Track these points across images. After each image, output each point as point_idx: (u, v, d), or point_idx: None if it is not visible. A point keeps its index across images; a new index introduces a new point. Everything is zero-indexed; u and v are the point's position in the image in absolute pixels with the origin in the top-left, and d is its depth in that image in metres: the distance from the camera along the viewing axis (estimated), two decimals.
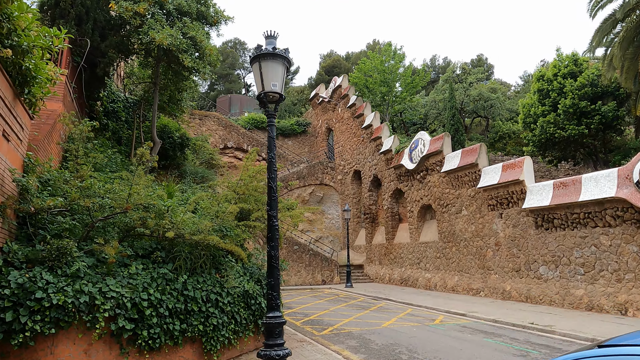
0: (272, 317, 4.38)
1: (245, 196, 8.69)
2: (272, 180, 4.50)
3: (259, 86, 4.66)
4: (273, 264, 4.29)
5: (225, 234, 7.90)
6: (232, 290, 7.83)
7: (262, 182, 9.11)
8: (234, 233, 8.04)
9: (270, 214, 4.48)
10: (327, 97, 32.82)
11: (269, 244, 4.45)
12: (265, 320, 4.40)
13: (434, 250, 20.57)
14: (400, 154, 23.32)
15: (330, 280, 24.67)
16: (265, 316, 4.46)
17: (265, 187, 10.39)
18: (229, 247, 7.17)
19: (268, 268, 4.34)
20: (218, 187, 11.47)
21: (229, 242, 7.48)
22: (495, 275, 16.89)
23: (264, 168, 9.37)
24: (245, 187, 8.73)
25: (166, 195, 7.91)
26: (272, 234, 4.44)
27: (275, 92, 4.57)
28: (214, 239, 6.94)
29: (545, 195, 14.73)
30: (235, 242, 8.03)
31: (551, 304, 14.28)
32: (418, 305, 15.23)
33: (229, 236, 7.89)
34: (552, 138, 20.88)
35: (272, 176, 4.52)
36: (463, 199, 18.78)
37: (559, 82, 21.09)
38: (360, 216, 28.99)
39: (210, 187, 11.78)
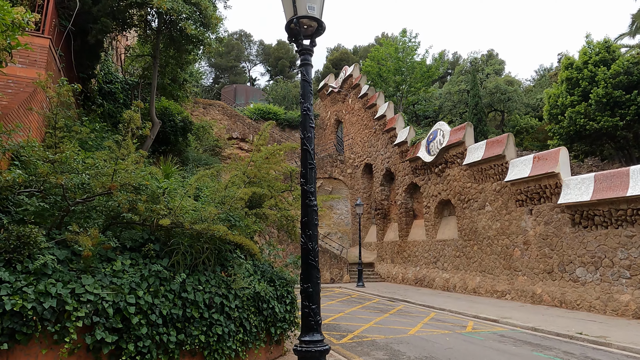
0: (311, 343, 2.98)
1: (256, 181, 7.32)
2: (307, 141, 3.11)
3: (288, 11, 3.26)
4: (311, 261, 2.92)
5: (233, 224, 6.53)
6: (240, 292, 6.48)
7: (277, 164, 7.74)
8: (243, 223, 6.68)
9: (306, 189, 3.08)
10: (337, 88, 31.39)
11: (304, 233, 3.06)
12: (300, 347, 2.98)
13: (453, 249, 19.17)
14: (417, 145, 21.89)
15: (340, 278, 23.32)
16: (299, 340, 3.03)
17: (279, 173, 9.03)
18: (239, 239, 5.81)
19: (303, 267, 2.95)
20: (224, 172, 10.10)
21: (238, 234, 6.12)
22: (523, 277, 15.48)
23: (279, 149, 8.00)
24: (257, 169, 7.35)
25: (162, 176, 6.58)
26: (309, 218, 3.04)
27: (312, 18, 3.18)
28: (220, 229, 5.57)
29: (585, 190, 13.29)
30: (244, 234, 6.66)
31: (590, 309, 12.86)
32: (441, 309, 13.84)
33: (238, 227, 6.53)
34: (582, 130, 19.40)
35: (308, 135, 3.13)
36: (487, 194, 17.35)
37: (590, 70, 19.58)
38: (370, 212, 27.60)
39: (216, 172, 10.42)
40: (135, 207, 5.44)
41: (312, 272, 2.94)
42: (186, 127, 14.72)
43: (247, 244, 5.97)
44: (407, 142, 22.66)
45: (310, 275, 2.93)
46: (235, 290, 6.41)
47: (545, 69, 42.27)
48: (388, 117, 25.05)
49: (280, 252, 8.28)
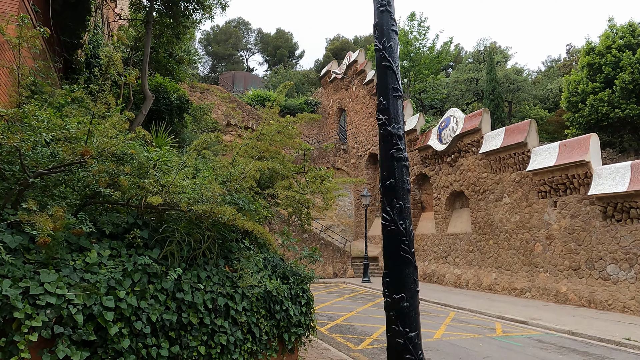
0: None
1: (268, 156, 6.07)
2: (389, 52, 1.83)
3: None
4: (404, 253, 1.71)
5: (240, 207, 5.29)
6: (248, 292, 5.27)
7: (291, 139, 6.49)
8: (252, 207, 5.44)
9: (391, 132, 1.75)
10: (341, 74, 30.06)
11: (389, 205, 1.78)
12: None
13: (466, 243, 18.04)
14: (427, 134, 20.68)
15: (343, 273, 22.17)
16: None
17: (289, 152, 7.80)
18: (251, 225, 4.58)
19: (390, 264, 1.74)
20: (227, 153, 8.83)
21: (247, 220, 4.88)
22: (545, 274, 14.37)
23: (294, 120, 6.75)
24: (268, 143, 6.09)
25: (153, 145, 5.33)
26: (398, 179, 1.72)
27: None
28: (227, 212, 4.34)
29: (619, 180, 12.14)
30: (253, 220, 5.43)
31: (624, 310, 11.77)
32: (459, 308, 12.71)
33: (246, 211, 5.29)
34: (604, 119, 18.25)
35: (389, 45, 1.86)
36: (505, 185, 16.20)
37: (614, 56, 18.39)
38: (375, 204, 26.42)
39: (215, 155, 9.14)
40: (116, 182, 4.18)
41: (406, 271, 1.73)
42: (183, 107, 13.39)
43: (261, 231, 4.74)
44: (417, 130, 21.44)
45: (403, 277, 1.71)
46: (243, 288, 5.20)
47: (553, 60, 41.11)
48: None
49: (295, 244, 7.05)
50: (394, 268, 1.78)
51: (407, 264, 1.77)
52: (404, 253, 1.76)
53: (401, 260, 1.76)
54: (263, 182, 6.65)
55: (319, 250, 7.06)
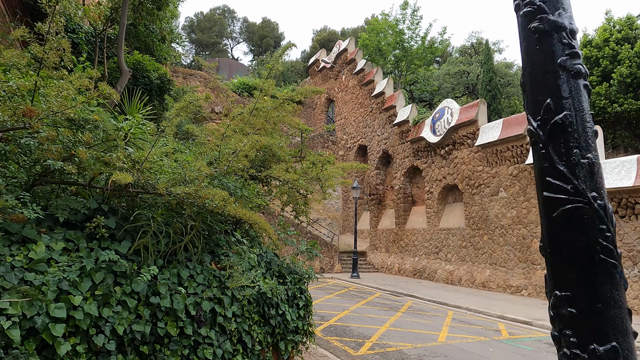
0: None
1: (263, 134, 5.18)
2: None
3: None
4: (606, 257, 0.97)
5: (232, 193, 4.41)
6: (239, 294, 4.41)
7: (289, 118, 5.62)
8: (245, 193, 4.57)
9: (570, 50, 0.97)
10: (330, 63, 29.13)
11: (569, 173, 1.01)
12: None
13: (459, 239, 17.47)
14: (420, 125, 20.00)
15: (330, 268, 21.42)
16: None
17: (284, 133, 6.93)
18: (245, 214, 3.70)
19: (574, 280, 0.99)
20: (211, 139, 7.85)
21: (240, 207, 4.00)
22: (542, 271, 13.86)
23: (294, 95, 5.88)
24: (264, 119, 5.20)
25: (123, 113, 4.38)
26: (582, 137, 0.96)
27: None
28: (217, 196, 3.45)
29: (625, 174, 11.64)
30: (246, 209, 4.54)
31: None
32: (456, 306, 12.08)
33: (237, 197, 4.42)
34: (602, 113, 17.86)
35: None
36: (501, 179, 15.63)
37: (612, 49, 17.99)
38: (364, 197, 25.71)
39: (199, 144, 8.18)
40: (74, 155, 3.24)
41: (614, 293, 0.90)
42: (163, 87, 12.31)
43: (257, 221, 3.86)
44: (409, 122, 20.74)
45: (608, 305, 0.89)
46: (233, 290, 4.34)
47: None
48: (387, 95, 23.04)
49: (293, 237, 6.21)
50: (585, 286, 0.92)
51: (612, 279, 0.93)
52: (605, 256, 0.92)
53: (602, 270, 0.92)
54: (256, 166, 5.77)
55: (317, 244, 6.22)
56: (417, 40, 26.05)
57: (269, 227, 3.98)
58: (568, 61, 1.05)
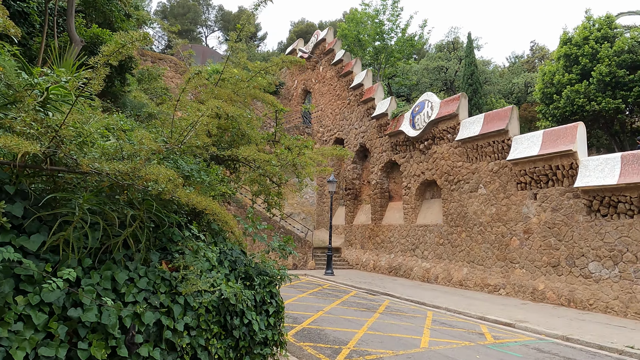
0: None
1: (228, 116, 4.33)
2: None
3: None
4: None
5: (187, 175, 3.56)
6: (195, 301, 3.58)
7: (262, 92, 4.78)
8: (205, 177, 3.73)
9: None
10: (307, 53, 28.24)
11: None
12: None
13: (436, 236, 17.04)
14: (399, 119, 19.44)
15: (304, 264, 20.67)
16: None
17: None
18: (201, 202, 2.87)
19: None
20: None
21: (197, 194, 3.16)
22: (521, 270, 13.56)
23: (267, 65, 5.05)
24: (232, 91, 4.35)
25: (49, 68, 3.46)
26: None
27: None
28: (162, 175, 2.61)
29: (609, 172, 11.37)
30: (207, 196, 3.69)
31: (607, 311, 11.07)
32: (435, 307, 11.56)
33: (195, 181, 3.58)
34: (580, 112, 17.76)
35: None
36: (481, 175, 15.24)
37: (591, 47, 17.90)
38: (339, 192, 25.04)
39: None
40: None
41: None
42: (125, 65, 11.19)
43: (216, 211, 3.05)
44: (388, 115, 20.16)
45: None
46: (187, 296, 3.50)
47: (517, 56, 41.35)
48: (366, 87, 22.39)
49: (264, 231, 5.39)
50: None
51: None
52: None
53: None
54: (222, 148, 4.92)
55: (292, 240, 5.43)
56: (397, 32, 25.51)
57: (230, 219, 3.16)
58: None
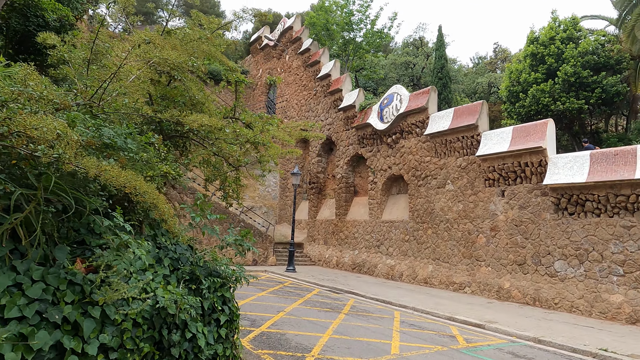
0: None
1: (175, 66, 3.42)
2: None
3: None
4: None
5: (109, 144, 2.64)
6: (118, 313, 2.67)
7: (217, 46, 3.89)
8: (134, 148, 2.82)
9: None
10: (274, 41, 27.18)
11: None
12: None
13: (402, 232, 16.62)
14: (367, 111, 18.88)
15: (264, 260, 19.76)
16: None
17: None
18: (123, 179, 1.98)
19: None
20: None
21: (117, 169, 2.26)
22: (487, 268, 13.33)
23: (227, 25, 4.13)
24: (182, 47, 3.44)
25: None
26: None
27: None
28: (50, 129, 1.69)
29: (577, 170, 11.23)
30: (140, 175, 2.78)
31: (572, 310, 10.94)
32: (401, 306, 11.03)
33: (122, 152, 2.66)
34: (545, 111, 17.86)
35: None
36: (449, 170, 14.91)
37: (557, 47, 18.03)
38: (303, 186, 24.26)
39: None
40: None
41: None
42: (64, 32, 9.83)
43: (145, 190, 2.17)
44: (355, 107, 19.55)
45: None
46: (106, 307, 2.60)
47: (480, 57, 42.04)
48: (333, 77, 21.67)
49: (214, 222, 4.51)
50: None
51: None
52: None
53: None
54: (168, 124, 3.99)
55: (251, 234, 4.59)
56: (366, 23, 24.94)
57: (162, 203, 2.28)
58: None
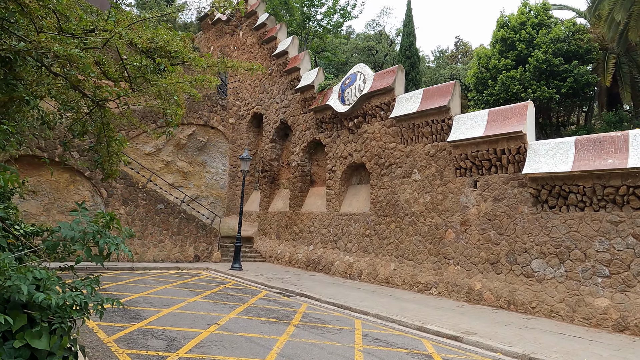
0: None
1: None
2: None
3: None
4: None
5: None
6: None
7: None
8: None
9: None
10: (227, 15, 24.70)
11: None
12: None
13: (362, 226, 15.01)
14: (326, 92, 17.06)
15: (208, 256, 17.54)
16: None
17: None
18: None
19: None
20: None
21: None
22: (456, 267, 11.96)
23: None
24: None
25: None
26: None
27: None
28: None
29: (561, 158, 9.99)
30: None
31: (551, 315, 9.72)
32: (363, 312, 9.36)
33: None
34: (515, 99, 16.83)
35: None
36: (416, 158, 13.43)
37: (528, 33, 17.04)
38: (255, 174, 22.15)
39: None
40: None
41: None
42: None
43: None
44: (314, 87, 17.69)
45: None
46: None
47: (441, 50, 41.44)
48: (291, 55, 19.67)
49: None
50: None
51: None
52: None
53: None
54: None
55: (117, 219, 2.56)
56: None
57: None
58: None
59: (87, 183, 15.35)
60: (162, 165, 20.30)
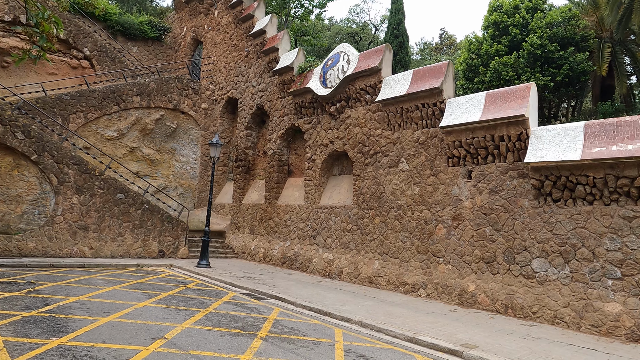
0: None
1: None
2: None
3: None
4: None
5: None
6: None
7: None
8: None
9: None
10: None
11: None
12: None
13: (343, 220, 13.73)
14: (307, 74, 15.66)
15: (174, 252, 15.97)
16: None
17: None
18: None
19: None
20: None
21: None
22: (446, 266, 10.80)
23: None
24: None
25: None
26: None
27: None
28: None
29: (568, 145, 8.89)
30: None
31: (555, 322, 8.64)
32: (344, 319, 8.07)
33: None
34: (508, 86, 15.79)
35: None
36: (404, 146, 12.20)
37: (522, 17, 16.01)
38: (228, 164, 20.60)
39: None
40: None
41: None
42: None
43: None
44: (294, 69, 16.25)
45: None
46: None
47: (426, 43, 40.48)
48: (269, 35, 18.17)
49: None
50: None
51: None
52: None
53: None
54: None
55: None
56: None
57: None
58: None
59: (33, 168, 13.55)
60: (126, 152, 18.54)
